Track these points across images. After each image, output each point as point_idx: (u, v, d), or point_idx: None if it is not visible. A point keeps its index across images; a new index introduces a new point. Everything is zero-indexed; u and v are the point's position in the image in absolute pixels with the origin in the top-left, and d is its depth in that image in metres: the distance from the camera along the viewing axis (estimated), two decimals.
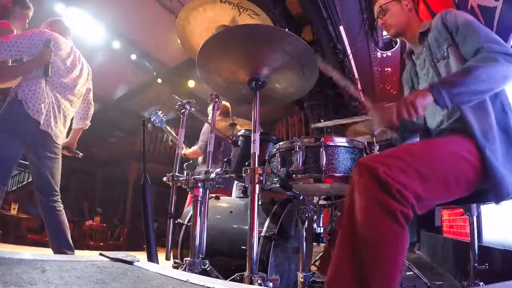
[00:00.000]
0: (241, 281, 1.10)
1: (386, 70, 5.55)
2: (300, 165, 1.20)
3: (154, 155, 8.96)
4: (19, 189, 8.92)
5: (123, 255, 0.97)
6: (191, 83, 6.96)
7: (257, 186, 1.11)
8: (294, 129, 7.70)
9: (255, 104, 1.23)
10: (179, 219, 1.78)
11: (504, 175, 0.94)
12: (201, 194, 1.47)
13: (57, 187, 1.91)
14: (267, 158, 1.43)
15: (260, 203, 1.14)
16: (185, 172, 1.55)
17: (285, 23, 4.43)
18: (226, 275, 1.27)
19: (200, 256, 1.40)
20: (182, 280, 0.82)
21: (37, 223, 6.41)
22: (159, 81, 7.18)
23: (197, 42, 1.54)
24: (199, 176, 1.46)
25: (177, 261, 1.59)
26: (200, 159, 2.99)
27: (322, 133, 5.78)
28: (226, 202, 1.86)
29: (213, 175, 1.44)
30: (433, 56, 1.20)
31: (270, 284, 1.13)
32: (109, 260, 0.95)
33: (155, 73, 7.04)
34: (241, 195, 1.99)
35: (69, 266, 0.80)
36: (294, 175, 1.21)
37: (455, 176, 0.90)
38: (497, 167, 0.93)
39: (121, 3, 5.18)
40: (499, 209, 2.01)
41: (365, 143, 1.31)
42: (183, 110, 1.77)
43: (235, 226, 1.65)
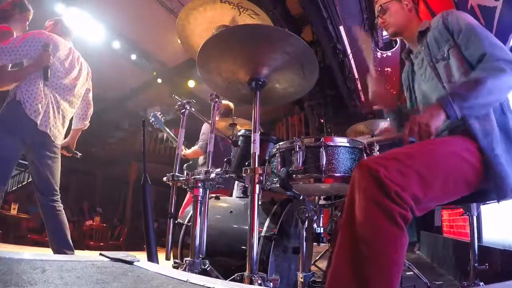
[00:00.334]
0: (241, 281, 1.10)
1: (386, 70, 5.55)
2: (300, 165, 1.20)
3: (154, 155, 8.96)
4: (19, 189, 8.91)
5: (123, 255, 0.97)
6: (191, 83, 6.97)
7: (257, 186, 1.11)
8: (294, 129, 7.70)
9: (255, 104, 1.23)
10: (179, 219, 1.78)
11: (506, 175, 0.94)
12: (201, 194, 1.47)
13: (57, 187, 1.92)
14: (267, 158, 1.43)
15: (260, 203, 1.14)
16: (185, 172, 1.55)
17: (285, 23, 4.44)
18: (226, 275, 1.27)
19: (200, 256, 1.40)
20: (182, 280, 0.82)
21: (37, 223, 6.41)
22: (159, 81, 7.18)
23: (197, 42, 1.54)
24: (199, 176, 1.46)
25: (177, 261, 1.59)
26: (200, 159, 2.98)
27: (322, 133, 5.78)
28: (226, 202, 1.86)
29: (213, 175, 1.44)
30: (432, 56, 1.20)
31: (270, 284, 1.13)
32: (109, 260, 0.95)
33: (155, 73, 7.04)
34: (241, 195, 1.99)
35: (69, 266, 0.80)
36: (294, 175, 1.21)
37: (455, 177, 0.91)
38: (499, 167, 0.94)
39: (121, 3, 5.18)
40: (499, 209, 2.01)
41: (365, 143, 1.31)
42: (183, 110, 1.77)
43: (235, 226, 1.65)
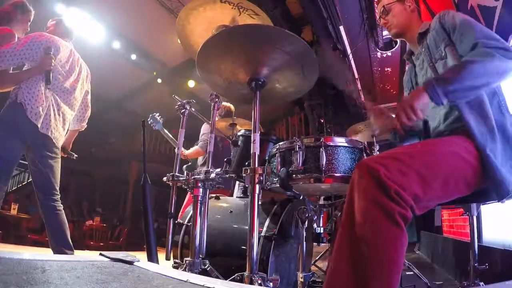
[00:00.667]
0: (241, 281, 1.10)
1: (386, 70, 5.55)
2: (300, 165, 1.20)
3: (154, 155, 8.96)
4: (19, 189, 8.91)
5: (123, 255, 0.97)
6: (191, 83, 6.96)
7: (257, 186, 1.11)
8: (294, 129, 7.70)
9: (255, 104, 1.23)
10: (179, 219, 1.78)
11: (504, 174, 0.94)
12: (201, 194, 1.47)
13: (57, 187, 1.93)
14: (267, 158, 1.43)
15: (260, 203, 1.14)
16: (185, 173, 1.55)
17: (285, 23, 4.44)
18: (226, 275, 1.27)
19: (200, 256, 1.40)
20: (182, 280, 0.82)
21: (37, 223, 6.40)
22: (159, 81, 7.17)
23: (197, 42, 1.54)
24: (199, 176, 1.46)
25: (177, 261, 1.59)
26: (199, 160, 2.98)
27: (322, 133, 5.78)
28: (226, 202, 1.86)
29: (213, 175, 1.44)
30: (431, 57, 1.20)
31: (270, 284, 1.13)
32: (109, 260, 0.95)
33: (155, 73, 7.04)
34: (241, 195, 1.99)
35: (69, 266, 0.80)
36: (294, 175, 1.21)
37: (454, 177, 0.91)
38: (497, 166, 0.94)
39: (121, 3, 5.17)
40: (499, 209, 2.01)
41: (365, 143, 1.31)
42: (183, 110, 1.77)
43: (235, 226, 1.65)
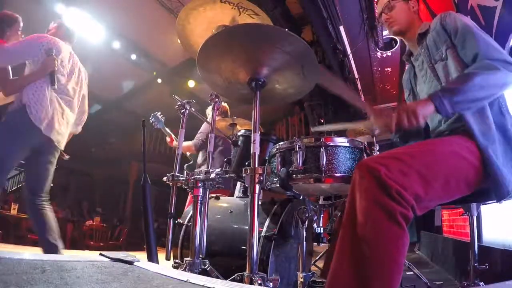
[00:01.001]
0: (241, 281, 1.10)
1: (386, 70, 5.56)
2: (300, 165, 1.20)
3: (154, 155, 8.95)
4: (19, 189, 8.91)
5: (123, 255, 0.97)
6: (191, 83, 6.96)
7: (257, 186, 1.11)
8: (294, 129, 7.70)
9: (255, 104, 1.23)
10: (179, 219, 1.78)
11: (505, 174, 0.95)
12: (201, 194, 1.47)
13: (47, 189, 1.95)
14: (267, 158, 1.43)
15: (260, 203, 1.14)
16: (185, 172, 1.55)
17: (285, 23, 4.43)
18: (226, 275, 1.27)
19: (200, 256, 1.40)
20: (182, 280, 0.82)
21: None
22: (159, 81, 7.17)
23: (197, 42, 1.54)
24: (199, 176, 1.46)
25: (177, 261, 1.59)
26: (199, 159, 2.99)
27: (322, 133, 5.78)
28: (226, 202, 1.86)
29: (213, 175, 1.44)
30: (431, 58, 1.20)
31: (270, 284, 1.13)
32: (109, 260, 0.95)
33: (155, 73, 7.03)
34: (241, 195, 1.99)
35: (69, 266, 0.80)
36: (294, 175, 1.21)
37: (455, 177, 0.91)
38: (498, 166, 0.94)
39: (121, 3, 5.17)
40: (499, 209, 2.01)
41: (365, 143, 1.30)
42: (183, 110, 1.77)
43: (235, 226, 1.65)
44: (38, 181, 1.92)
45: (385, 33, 4.65)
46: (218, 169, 1.50)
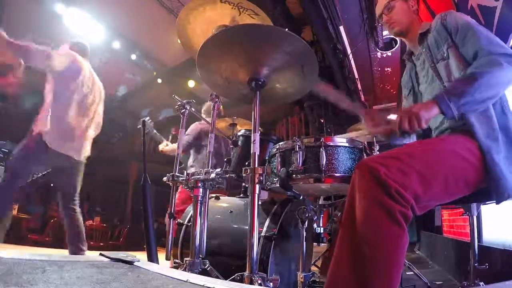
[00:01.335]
0: (241, 281, 1.10)
1: (386, 70, 5.56)
2: (300, 165, 1.20)
3: (154, 155, 8.93)
4: (19, 189, 8.89)
5: (123, 255, 0.97)
6: (191, 83, 6.95)
7: (257, 186, 1.11)
8: (294, 129, 7.69)
9: (255, 104, 1.23)
10: (179, 219, 1.78)
11: (507, 176, 0.94)
12: (201, 194, 1.47)
13: (77, 193, 2.32)
14: (267, 158, 1.43)
15: (260, 203, 1.14)
16: (185, 172, 1.55)
17: (285, 23, 4.43)
18: (226, 275, 1.27)
19: (200, 256, 1.40)
20: (182, 280, 0.81)
21: (37, 223, 6.40)
22: (159, 81, 7.16)
23: (197, 42, 1.54)
24: (199, 176, 1.46)
25: (177, 261, 1.59)
26: (190, 161, 2.93)
27: (322, 133, 5.78)
28: (226, 202, 1.86)
29: (213, 175, 1.44)
30: (433, 57, 1.20)
31: (270, 284, 1.13)
32: (109, 260, 0.95)
33: (155, 73, 7.03)
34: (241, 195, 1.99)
35: (69, 266, 0.80)
36: (294, 175, 1.21)
37: (455, 176, 0.91)
38: (499, 168, 0.94)
39: (121, 3, 5.17)
40: (499, 209, 2.01)
41: (365, 143, 1.30)
42: (183, 110, 1.77)
43: (235, 226, 1.65)
44: (67, 188, 2.26)
45: (385, 33, 4.66)
46: (218, 169, 1.50)
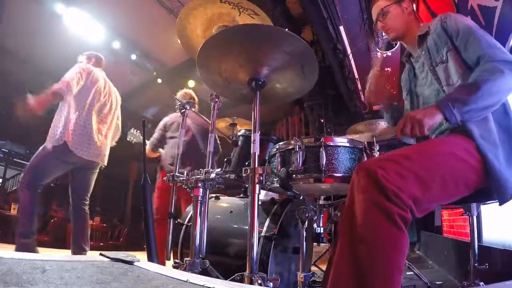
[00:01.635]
0: (241, 281, 1.10)
1: (386, 70, 5.55)
2: (300, 165, 1.20)
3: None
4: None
5: (123, 255, 0.97)
6: (191, 83, 6.95)
7: (257, 186, 1.11)
8: (294, 129, 7.69)
9: (255, 104, 1.23)
10: (179, 219, 1.78)
11: (508, 177, 0.93)
12: (201, 194, 1.47)
13: (89, 194, 2.42)
14: (267, 158, 1.43)
15: (260, 203, 1.14)
16: (185, 172, 1.55)
17: (285, 23, 4.43)
18: (226, 275, 1.27)
19: (200, 256, 1.40)
20: (182, 280, 0.81)
21: (38, 223, 6.38)
22: (159, 81, 7.16)
23: (197, 42, 1.54)
24: (199, 176, 1.46)
25: (177, 261, 1.59)
26: (168, 160, 2.80)
27: (322, 133, 5.78)
28: (226, 202, 1.86)
29: (213, 175, 1.44)
30: (432, 60, 1.19)
31: (270, 284, 1.13)
32: (109, 260, 0.95)
33: (155, 73, 7.03)
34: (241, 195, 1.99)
35: (69, 266, 0.80)
36: (294, 175, 1.21)
37: (454, 178, 0.90)
38: (500, 170, 0.93)
39: (121, 3, 5.17)
40: (499, 209, 2.00)
41: (365, 143, 1.30)
42: (183, 110, 1.77)
43: (235, 226, 1.65)
44: (83, 187, 2.36)
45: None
46: (218, 169, 1.50)
